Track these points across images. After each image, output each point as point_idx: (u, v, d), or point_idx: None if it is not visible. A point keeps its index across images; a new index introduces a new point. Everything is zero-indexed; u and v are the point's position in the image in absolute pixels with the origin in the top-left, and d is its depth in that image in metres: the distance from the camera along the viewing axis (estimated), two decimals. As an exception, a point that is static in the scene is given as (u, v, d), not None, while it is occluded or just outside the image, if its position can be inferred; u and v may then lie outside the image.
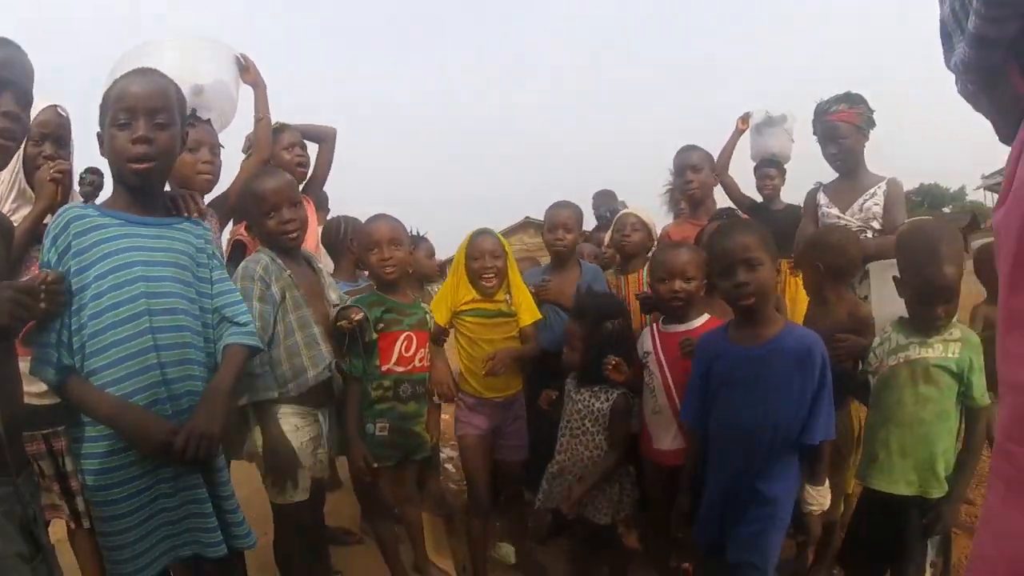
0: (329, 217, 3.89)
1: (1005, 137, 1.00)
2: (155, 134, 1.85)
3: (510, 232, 19.31)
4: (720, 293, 2.28)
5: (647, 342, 2.73)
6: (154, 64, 2.31)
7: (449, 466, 4.69)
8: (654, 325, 2.77)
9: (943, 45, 1.02)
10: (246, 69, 3.14)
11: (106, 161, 1.95)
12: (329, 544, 3.26)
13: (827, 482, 2.21)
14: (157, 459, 1.82)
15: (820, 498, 2.20)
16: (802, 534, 2.29)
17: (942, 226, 2.55)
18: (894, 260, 2.41)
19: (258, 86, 3.20)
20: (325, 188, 3.94)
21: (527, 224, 19.69)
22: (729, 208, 3.83)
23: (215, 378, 1.93)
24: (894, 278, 2.35)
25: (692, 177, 3.68)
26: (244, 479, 3.12)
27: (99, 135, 1.93)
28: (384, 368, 2.74)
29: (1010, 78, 0.92)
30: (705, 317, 2.64)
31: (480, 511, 3.05)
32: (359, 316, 2.57)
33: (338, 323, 2.54)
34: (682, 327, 2.64)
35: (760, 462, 2.09)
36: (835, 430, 2.57)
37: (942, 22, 1.00)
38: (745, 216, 3.67)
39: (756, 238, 2.13)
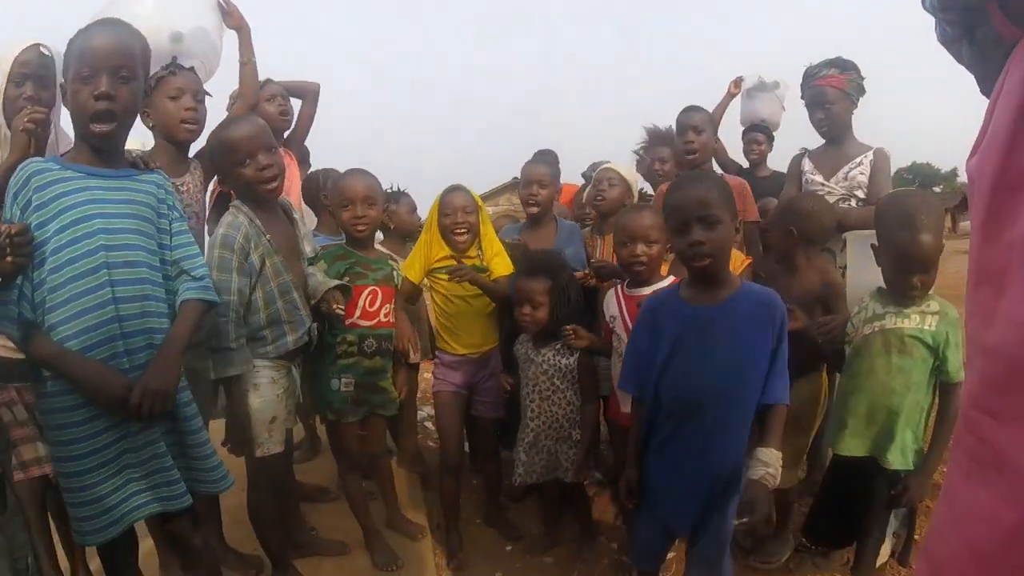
0: (311, 171, 3.85)
1: (987, 89, 0.94)
2: (117, 89, 1.83)
3: (498, 192, 19.12)
4: (675, 251, 2.13)
5: (612, 306, 2.68)
6: (133, 12, 2.23)
7: (429, 424, 4.70)
8: (619, 288, 2.71)
9: None
10: (228, 13, 3.05)
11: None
12: (306, 502, 3.30)
13: (780, 453, 1.97)
14: (117, 415, 1.83)
15: (777, 462, 1.93)
16: (747, 512, 1.91)
17: (923, 196, 2.53)
18: (874, 231, 2.37)
19: (242, 29, 3.11)
20: (308, 144, 3.92)
21: (515, 184, 19.56)
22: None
23: (170, 334, 1.92)
24: (872, 246, 2.32)
25: (693, 138, 3.54)
26: (216, 438, 3.12)
27: (62, 86, 1.90)
28: (347, 322, 2.71)
29: (991, 17, 0.86)
30: (669, 279, 2.58)
31: (451, 467, 3.06)
32: (339, 308, 2.51)
33: (320, 303, 2.49)
34: (647, 290, 2.56)
35: (725, 428, 1.96)
36: (801, 397, 2.51)
37: None
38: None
39: (715, 193, 1.93)
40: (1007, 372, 0.75)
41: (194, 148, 2.71)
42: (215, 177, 2.83)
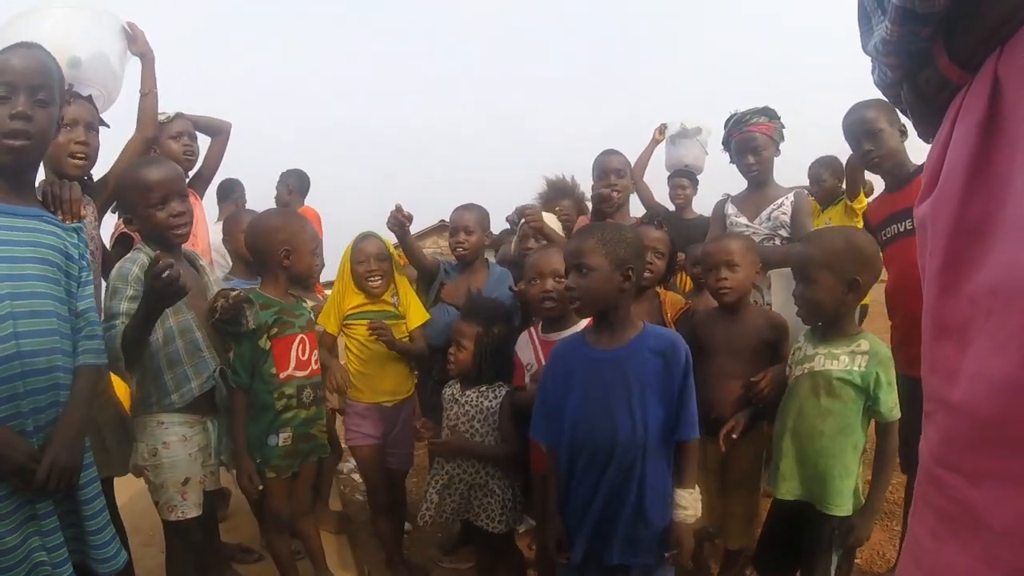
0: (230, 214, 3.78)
1: (925, 132, 0.94)
2: (35, 111, 1.72)
3: (424, 235, 19.13)
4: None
5: (528, 351, 2.62)
6: (30, 34, 2.13)
7: (356, 476, 4.54)
8: (533, 331, 2.67)
9: (860, 27, 0.96)
10: (134, 39, 2.94)
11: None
12: (230, 562, 3.14)
13: (697, 488, 2.09)
14: (13, 485, 1.64)
15: (695, 502, 2.05)
16: (673, 546, 2.05)
17: (849, 229, 2.59)
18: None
19: (146, 56, 3.00)
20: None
21: (441, 227, 19.54)
22: (654, 213, 3.82)
23: (72, 400, 1.76)
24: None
25: (616, 181, 3.54)
26: (139, 493, 2.94)
27: None
28: (283, 375, 2.58)
29: (936, 61, 0.86)
30: (586, 321, 2.49)
31: (383, 509, 3.11)
32: (236, 292, 2.39)
33: (215, 305, 2.34)
34: (565, 333, 2.52)
35: (643, 471, 2.01)
36: (747, 458, 2.55)
37: (860, 3, 0.94)
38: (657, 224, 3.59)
39: (592, 243, 2.05)
40: (976, 429, 0.73)
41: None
42: (119, 217, 2.67)
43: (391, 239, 3.18)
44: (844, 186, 4.77)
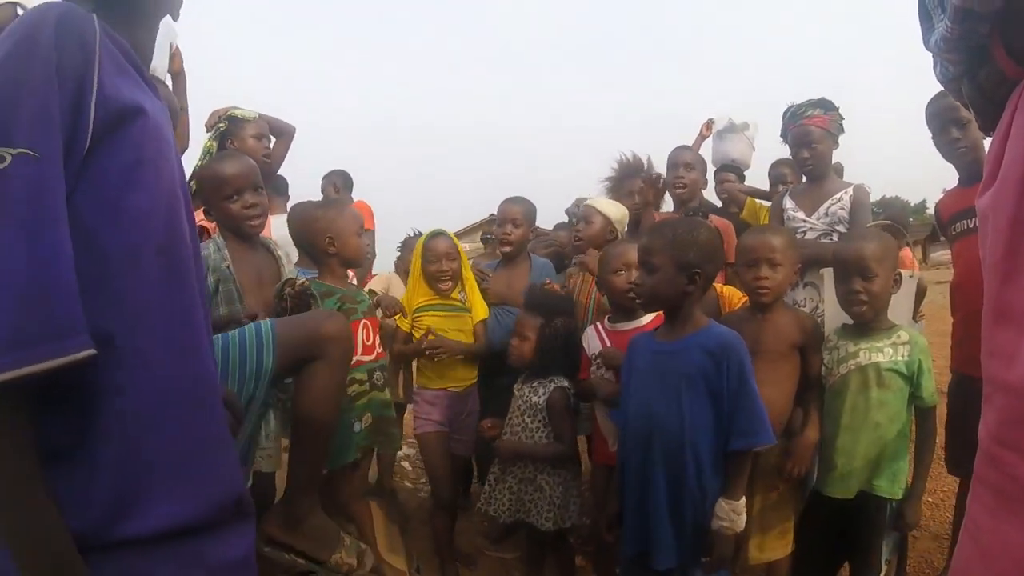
0: (291, 204, 3.85)
1: (986, 125, 0.97)
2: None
3: (472, 230, 19.17)
4: None
5: (595, 342, 2.64)
6: None
7: (405, 464, 4.63)
8: (599, 324, 2.68)
9: (921, 25, 0.99)
10: (173, 55, 3.03)
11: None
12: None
13: (743, 499, 2.03)
14: None
15: (733, 515, 1.99)
16: (708, 553, 2.03)
17: (892, 228, 2.58)
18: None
19: (180, 75, 3.11)
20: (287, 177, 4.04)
21: (490, 221, 19.52)
22: (701, 208, 3.82)
23: None
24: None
25: (684, 174, 3.72)
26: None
27: None
28: (352, 361, 2.55)
29: (994, 56, 0.88)
30: (650, 316, 2.53)
31: (444, 504, 3.10)
32: (303, 280, 2.42)
33: (283, 293, 2.36)
34: (631, 324, 2.55)
35: (673, 460, 2.02)
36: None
37: (920, 1, 0.97)
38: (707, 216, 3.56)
39: (659, 243, 2.07)
40: None
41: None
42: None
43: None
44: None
